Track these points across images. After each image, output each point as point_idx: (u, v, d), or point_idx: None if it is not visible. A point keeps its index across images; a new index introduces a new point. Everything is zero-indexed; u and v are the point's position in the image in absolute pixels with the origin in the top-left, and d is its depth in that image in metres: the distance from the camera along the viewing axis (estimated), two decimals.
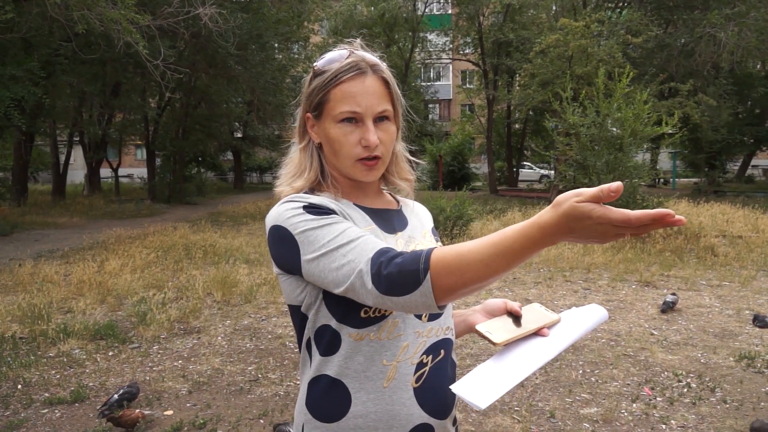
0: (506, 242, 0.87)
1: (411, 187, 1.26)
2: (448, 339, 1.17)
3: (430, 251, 0.92)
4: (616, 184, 0.80)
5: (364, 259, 0.96)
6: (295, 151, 1.21)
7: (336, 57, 1.13)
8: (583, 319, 1.11)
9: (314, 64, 1.15)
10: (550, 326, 1.09)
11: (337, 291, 1.00)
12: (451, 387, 1.00)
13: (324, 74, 1.12)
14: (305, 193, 1.14)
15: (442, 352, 1.15)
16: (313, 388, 1.10)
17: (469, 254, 0.89)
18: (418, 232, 1.23)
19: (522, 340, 1.07)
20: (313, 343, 1.11)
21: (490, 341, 1.06)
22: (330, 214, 1.05)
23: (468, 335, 4.25)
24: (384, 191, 1.27)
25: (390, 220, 1.19)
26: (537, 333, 1.07)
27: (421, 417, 1.10)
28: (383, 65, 1.14)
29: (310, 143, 1.18)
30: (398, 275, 0.91)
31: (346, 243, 0.99)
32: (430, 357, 1.12)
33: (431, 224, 1.32)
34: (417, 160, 1.29)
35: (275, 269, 1.14)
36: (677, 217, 0.78)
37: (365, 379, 1.07)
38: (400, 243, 1.15)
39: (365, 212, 1.16)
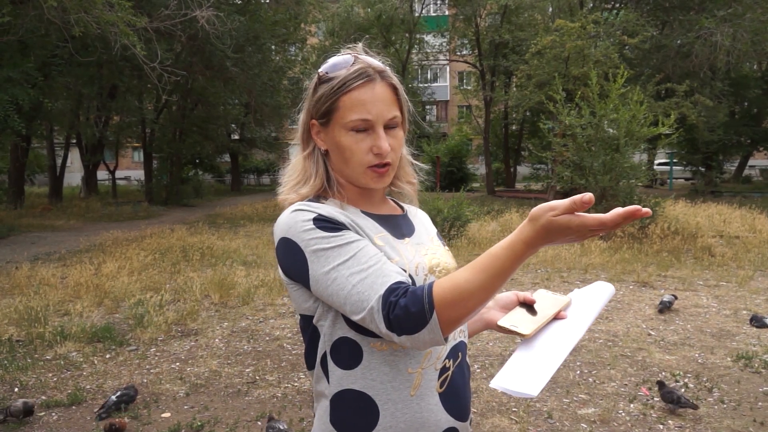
0: (497, 263, 0.92)
1: (414, 190, 1.26)
2: (463, 342, 1.18)
3: (430, 289, 0.94)
4: (588, 196, 0.87)
5: (375, 296, 0.96)
6: (298, 158, 1.19)
7: (341, 62, 1.11)
8: (593, 296, 1.15)
9: (319, 71, 1.13)
10: (564, 308, 1.13)
11: (348, 316, 1.01)
12: (491, 384, 1.02)
13: (331, 81, 1.10)
14: (311, 200, 1.12)
15: (460, 354, 1.15)
16: (338, 405, 1.08)
17: (467, 284, 0.92)
18: (425, 237, 1.23)
19: (544, 327, 1.10)
20: (329, 358, 1.08)
21: (518, 334, 1.08)
22: (340, 229, 1.04)
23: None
24: (387, 198, 1.26)
25: (398, 226, 1.19)
26: (556, 317, 1.11)
27: (448, 421, 1.10)
28: (390, 70, 1.13)
29: (315, 150, 1.16)
30: (405, 317, 0.93)
31: (357, 272, 0.99)
32: (451, 361, 1.13)
33: (434, 229, 1.32)
34: (420, 164, 1.28)
35: (283, 277, 1.12)
36: (644, 210, 0.84)
37: (392, 389, 1.06)
38: (409, 249, 1.13)
39: (373, 219, 1.14)
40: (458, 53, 27.82)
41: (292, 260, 1.05)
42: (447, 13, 28.50)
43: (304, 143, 1.17)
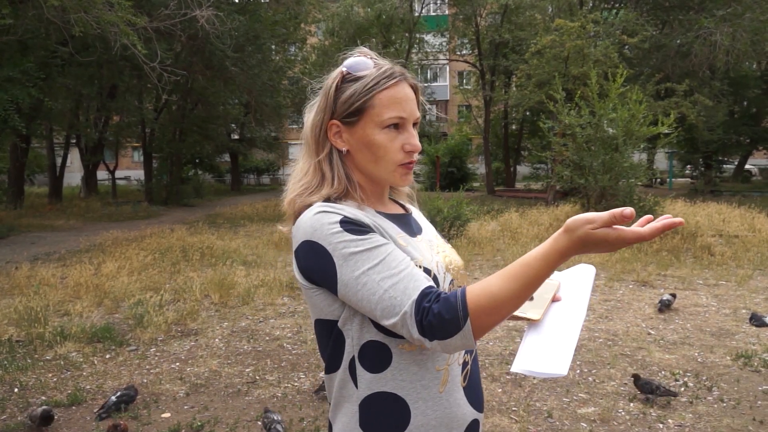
0: (530, 272, 0.95)
1: (414, 190, 1.30)
2: None
3: (464, 296, 0.95)
4: (629, 210, 0.89)
5: (408, 301, 0.97)
6: (309, 162, 1.15)
7: (362, 63, 1.12)
8: (579, 278, 1.22)
9: (342, 69, 1.13)
10: (557, 291, 1.19)
11: (378, 321, 1.01)
12: (512, 368, 1.07)
13: (362, 80, 1.10)
14: (331, 201, 1.10)
15: (473, 348, 1.18)
16: (369, 408, 1.07)
17: (501, 293, 0.95)
18: (432, 234, 1.25)
19: (547, 310, 1.15)
20: (357, 362, 1.07)
21: (528, 319, 1.13)
22: (367, 231, 1.03)
23: None
24: (390, 199, 1.27)
25: (410, 224, 1.21)
26: (553, 299, 1.17)
27: (472, 414, 1.14)
28: (407, 73, 1.16)
29: (333, 152, 1.14)
30: (439, 324, 0.95)
31: (388, 276, 0.99)
32: (469, 355, 1.16)
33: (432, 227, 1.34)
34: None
35: (303, 282, 1.10)
36: (678, 219, 0.91)
37: (421, 388, 1.07)
38: (426, 246, 1.15)
39: (390, 219, 1.16)
40: (458, 53, 27.79)
41: (318, 263, 1.03)
42: (447, 12, 28.49)
43: (320, 146, 1.14)
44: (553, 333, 1.09)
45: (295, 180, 1.16)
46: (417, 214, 1.29)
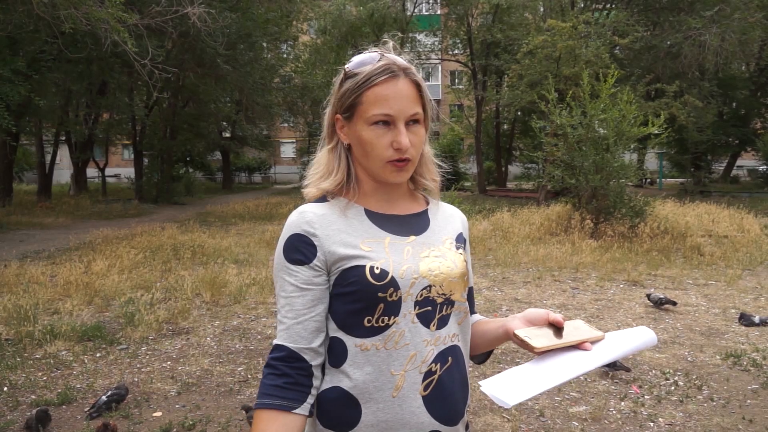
0: None
1: (437, 187, 1.28)
2: (456, 346, 1.17)
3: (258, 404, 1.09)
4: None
5: (273, 343, 1.12)
6: (323, 152, 1.23)
7: (367, 59, 1.14)
8: (628, 339, 1.09)
9: (345, 67, 1.16)
10: (593, 342, 1.08)
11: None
12: (480, 383, 1.05)
13: (356, 77, 1.13)
14: (319, 201, 1.19)
15: (450, 359, 1.15)
16: (325, 401, 1.12)
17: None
18: (438, 237, 1.22)
19: (561, 351, 1.06)
20: (326, 354, 1.14)
21: (529, 346, 1.06)
22: (301, 262, 1.12)
23: None
24: (416, 193, 1.28)
25: (406, 224, 1.20)
26: (578, 346, 1.06)
27: (432, 424, 1.11)
28: (414, 68, 1.16)
29: (339, 144, 1.20)
30: (263, 381, 1.10)
31: (278, 321, 1.14)
32: (439, 365, 1.13)
33: (460, 229, 1.30)
34: (442, 164, 1.31)
35: None
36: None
37: (374, 389, 1.09)
38: (407, 249, 1.15)
39: (374, 220, 1.17)
40: (450, 52, 27.85)
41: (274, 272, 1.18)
42: (439, 12, 28.51)
43: (329, 137, 1.22)
44: (540, 369, 1.03)
45: (313, 166, 1.25)
46: (435, 214, 1.27)
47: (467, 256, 1.29)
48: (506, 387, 1.00)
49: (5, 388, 4.05)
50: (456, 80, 35.23)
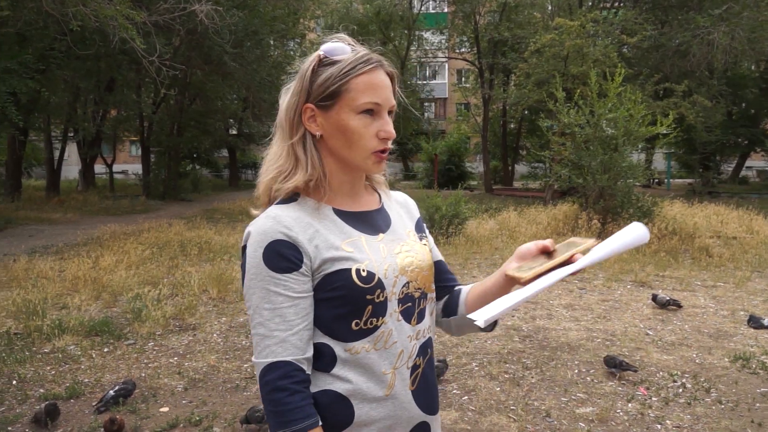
0: None
1: (385, 179, 1.28)
2: (431, 338, 1.21)
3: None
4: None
5: (263, 361, 1.05)
6: (282, 145, 1.15)
7: (339, 48, 1.11)
8: (619, 237, 1.05)
9: (319, 53, 1.12)
10: (584, 251, 1.04)
11: None
12: (469, 315, 1.05)
13: (338, 63, 1.09)
14: (286, 203, 1.12)
15: (429, 351, 1.18)
16: (316, 404, 1.09)
17: None
18: (402, 230, 1.22)
19: (549, 271, 1.03)
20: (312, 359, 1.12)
21: (516, 278, 1.05)
22: (287, 270, 1.06)
23: (463, 337, 4.17)
24: (367, 185, 1.25)
25: (373, 222, 1.18)
26: (568, 261, 1.03)
27: (420, 416, 1.14)
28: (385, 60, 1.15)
29: (307, 136, 1.13)
30: (270, 413, 1.04)
31: (261, 338, 1.06)
32: (422, 358, 1.15)
33: (416, 216, 1.30)
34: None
35: None
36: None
37: (367, 390, 1.09)
38: (382, 247, 1.14)
39: (345, 219, 1.14)
40: (457, 51, 27.79)
41: (243, 270, 1.11)
42: (446, 10, 28.47)
43: (293, 129, 1.13)
44: (521, 291, 1.00)
45: (270, 163, 1.16)
46: (390, 206, 1.26)
47: (429, 238, 1.29)
48: (484, 311, 1.00)
49: (14, 382, 4.08)
50: (463, 78, 35.15)
